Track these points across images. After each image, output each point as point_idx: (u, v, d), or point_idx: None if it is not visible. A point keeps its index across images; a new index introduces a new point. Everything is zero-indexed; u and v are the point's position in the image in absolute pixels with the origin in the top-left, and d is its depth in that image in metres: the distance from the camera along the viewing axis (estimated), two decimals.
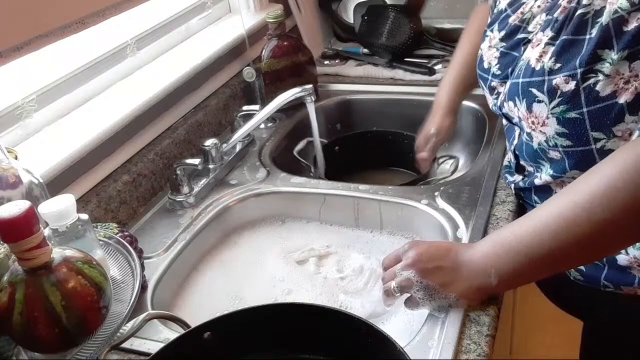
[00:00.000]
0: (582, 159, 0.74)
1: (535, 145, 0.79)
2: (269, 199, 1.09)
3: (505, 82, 0.82)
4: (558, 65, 0.72)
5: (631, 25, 0.66)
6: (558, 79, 0.71)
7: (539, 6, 0.81)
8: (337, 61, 1.55)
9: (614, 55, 0.67)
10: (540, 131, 0.76)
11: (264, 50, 1.31)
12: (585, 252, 0.69)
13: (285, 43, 1.31)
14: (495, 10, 0.90)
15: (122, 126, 1.03)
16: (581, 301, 0.88)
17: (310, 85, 1.16)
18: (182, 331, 0.66)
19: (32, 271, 0.58)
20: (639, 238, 0.71)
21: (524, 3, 0.84)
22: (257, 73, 1.29)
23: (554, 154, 0.77)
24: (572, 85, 0.70)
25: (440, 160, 1.20)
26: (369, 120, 1.41)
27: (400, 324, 0.83)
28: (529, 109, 0.76)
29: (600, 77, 0.68)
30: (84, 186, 0.97)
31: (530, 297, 1.48)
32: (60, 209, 0.68)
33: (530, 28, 0.82)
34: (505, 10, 0.87)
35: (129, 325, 0.66)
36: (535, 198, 0.87)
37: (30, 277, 0.58)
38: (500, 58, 0.85)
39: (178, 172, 1.04)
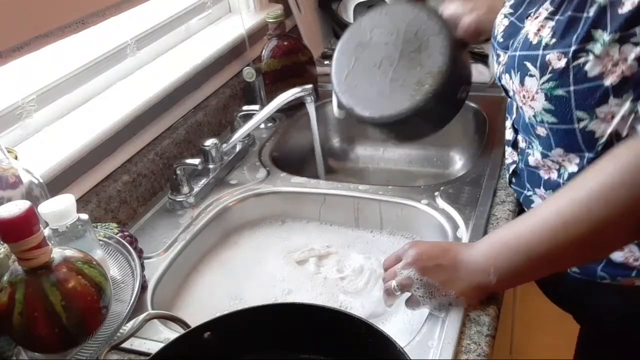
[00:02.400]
0: (565, 137, 0.75)
1: (525, 119, 0.80)
2: (269, 199, 1.09)
3: (507, 52, 0.83)
4: (553, 40, 0.72)
5: (625, 8, 0.65)
6: (551, 55, 0.71)
7: None
8: None
9: (605, 36, 0.66)
10: (530, 106, 0.76)
11: (264, 50, 1.31)
12: (584, 251, 0.69)
13: (285, 43, 1.31)
14: None
15: (122, 126, 1.03)
16: (577, 295, 0.88)
17: (310, 85, 1.16)
18: (182, 331, 0.66)
19: (32, 271, 0.58)
20: (637, 237, 0.71)
21: None
22: (257, 73, 1.29)
23: (540, 130, 0.78)
24: (563, 62, 0.70)
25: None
26: None
27: (400, 324, 0.83)
28: (522, 82, 0.76)
29: (590, 57, 0.68)
30: (84, 186, 0.97)
31: (530, 297, 1.48)
32: (60, 209, 0.68)
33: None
34: None
35: (129, 325, 0.66)
36: (528, 186, 0.87)
37: (30, 277, 0.58)
38: (507, 27, 0.84)
39: (178, 172, 1.04)
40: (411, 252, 0.76)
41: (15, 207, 0.56)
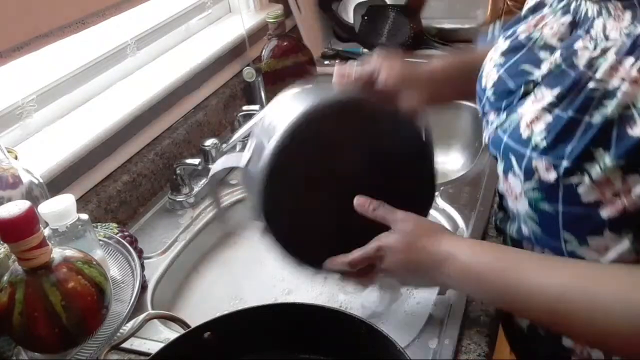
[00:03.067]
0: (551, 250, 0.64)
1: (509, 204, 0.69)
2: None
3: (498, 113, 0.67)
4: (544, 144, 0.58)
5: (638, 131, 0.51)
6: (539, 162, 0.58)
7: (551, 27, 0.64)
8: (337, 61, 1.55)
9: (607, 159, 0.53)
10: (513, 202, 0.66)
11: (264, 50, 1.31)
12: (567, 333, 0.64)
13: (285, 43, 1.30)
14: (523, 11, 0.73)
15: (122, 126, 1.03)
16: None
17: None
18: (182, 331, 0.66)
19: (32, 271, 0.58)
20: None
21: (543, 14, 0.67)
22: (257, 73, 1.29)
23: (524, 228, 0.67)
24: (552, 176, 0.57)
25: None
26: None
27: (400, 324, 0.83)
28: (505, 175, 0.65)
29: (586, 179, 0.55)
30: (84, 186, 0.97)
31: None
32: (60, 209, 0.68)
33: (539, 54, 0.64)
34: (526, 16, 0.70)
35: (129, 325, 0.66)
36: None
37: (30, 277, 0.58)
38: (497, 83, 0.69)
39: (178, 172, 1.04)
40: (388, 261, 0.68)
41: (15, 207, 0.56)
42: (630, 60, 0.53)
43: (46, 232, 0.67)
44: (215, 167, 0.78)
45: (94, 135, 0.97)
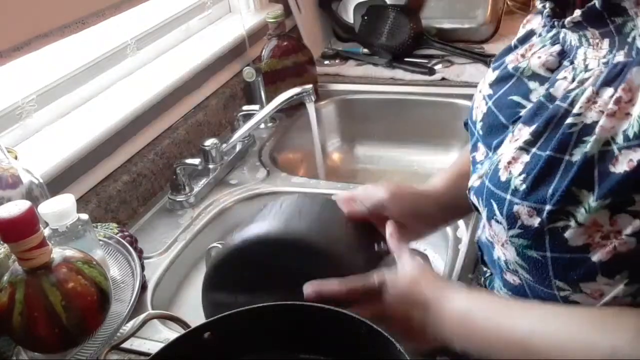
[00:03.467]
0: (545, 298, 0.58)
1: (494, 255, 0.63)
2: (269, 199, 1.09)
3: (488, 153, 0.63)
4: (524, 187, 0.54)
5: (620, 167, 0.48)
6: (520, 208, 0.54)
7: (539, 57, 0.61)
8: (337, 61, 1.55)
9: (592, 200, 0.49)
10: (500, 250, 0.60)
11: (264, 50, 1.31)
12: None
13: (285, 43, 1.31)
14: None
15: (122, 126, 1.03)
16: None
17: (310, 85, 1.16)
18: (182, 331, 0.66)
19: (32, 271, 0.58)
20: None
21: (532, 43, 0.64)
22: (257, 73, 1.29)
23: (511, 278, 0.62)
24: (535, 221, 0.53)
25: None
26: (368, 120, 1.41)
27: None
28: (489, 221, 0.59)
29: (572, 223, 0.51)
30: (84, 186, 0.97)
31: None
32: (60, 209, 0.67)
33: (528, 84, 0.61)
34: (516, 46, 0.66)
35: (129, 325, 0.66)
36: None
37: (30, 277, 0.58)
38: (486, 115, 0.64)
39: (178, 172, 1.04)
40: (387, 301, 0.62)
41: (15, 207, 0.56)
42: (608, 91, 0.51)
43: (46, 232, 0.67)
44: None
45: (94, 135, 0.97)
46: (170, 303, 0.93)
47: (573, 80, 0.55)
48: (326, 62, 1.54)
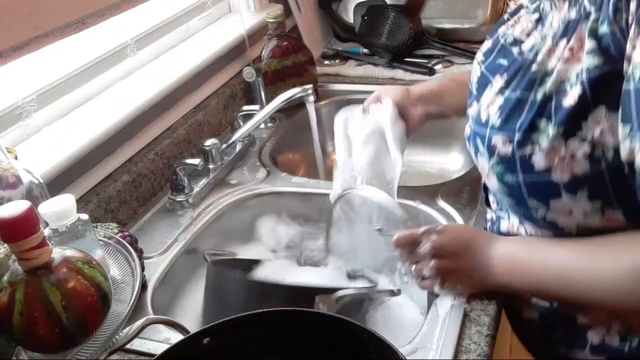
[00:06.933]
0: (526, 219, 0.72)
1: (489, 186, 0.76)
2: (269, 199, 1.09)
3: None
4: (499, 122, 0.67)
5: (569, 101, 0.60)
6: (497, 138, 0.67)
7: (521, 25, 0.73)
8: (337, 61, 1.55)
9: (550, 129, 0.62)
10: (486, 180, 0.73)
11: (264, 50, 1.31)
12: (602, 305, 0.70)
13: (285, 43, 1.31)
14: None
15: (122, 126, 1.03)
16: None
17: (310, 85, 1.16)
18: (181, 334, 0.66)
19: (32, 271, 0.58)
20: None
21: (520, 15, 0.75)
22: (257, 73, 1.29)
23: (504, 202, 0.74)
24: (509, 149, 0.65)
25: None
26: None
27: (400, 323, 0.83)
28: (476, 157, 0.73)
29: (537, 149, 0.63)
30: (84, 186, 0.97)
31: None
32: (60, 209, 0.67)
33: (511, 49, 0.73)
34: (508, 19, 0.78)
35: (127, 330, 0.65)
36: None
37: (30, 277, 0.58)
38: (480, 78, 0.77)
39: (178, 172, 1.04)
40: (434, 243, 0.74)
41: (15, 207, 0.56)
42: (563, 42, 0.63)
43: (46, 232, 0.67)
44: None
45: (94, 135, 0.97)
46: (171, 303, 0.93)
47: (542, 38, 0.67)
48: (326, 62, 1.54)
